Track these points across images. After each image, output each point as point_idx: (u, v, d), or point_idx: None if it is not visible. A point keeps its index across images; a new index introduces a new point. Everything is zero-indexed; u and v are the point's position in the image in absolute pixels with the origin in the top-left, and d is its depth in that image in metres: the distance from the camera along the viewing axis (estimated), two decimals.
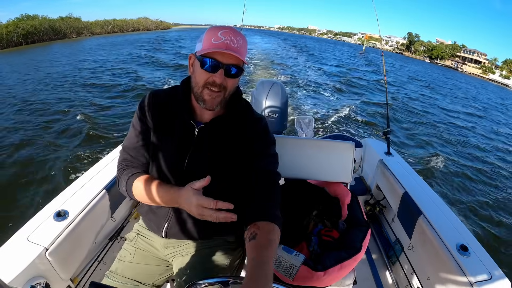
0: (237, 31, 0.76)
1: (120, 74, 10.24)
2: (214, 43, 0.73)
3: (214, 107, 0.79)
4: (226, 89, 0.77)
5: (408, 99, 11.42)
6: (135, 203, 1.57)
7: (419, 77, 22.05)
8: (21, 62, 13.09)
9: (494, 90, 30.20)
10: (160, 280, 0.95)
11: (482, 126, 9.91)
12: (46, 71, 10.46)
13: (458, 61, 61.04)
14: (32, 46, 19.99)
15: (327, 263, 0.92)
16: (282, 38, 44.07)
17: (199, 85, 0.77)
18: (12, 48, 18.62)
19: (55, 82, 8.73)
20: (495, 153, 6.71)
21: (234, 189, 0.88)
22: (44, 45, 20.50)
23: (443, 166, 5.14)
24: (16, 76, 9.57)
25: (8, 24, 20.60)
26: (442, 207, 1.31)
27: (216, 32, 0.74)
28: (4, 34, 18.77)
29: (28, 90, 7.85)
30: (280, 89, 2.05)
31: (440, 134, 7.37)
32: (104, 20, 32.38)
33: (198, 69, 0.76)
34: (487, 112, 13.56)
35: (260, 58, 15.34)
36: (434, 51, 67.05)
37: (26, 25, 21.07)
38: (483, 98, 19.47)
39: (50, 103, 6.79)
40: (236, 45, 0.74)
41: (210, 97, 0.77)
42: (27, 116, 6.02)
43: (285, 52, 22.88)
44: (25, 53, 16.42)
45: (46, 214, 1.03)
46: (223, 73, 0.74)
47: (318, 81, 11.71)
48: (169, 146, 0.86)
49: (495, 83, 45.60)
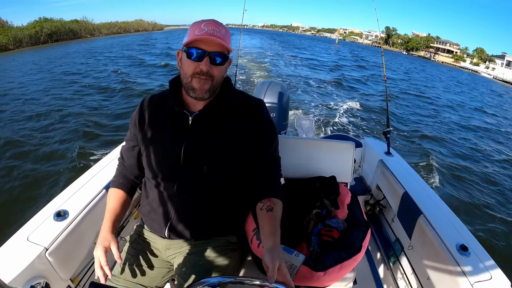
0: (219, 22, 0.80)
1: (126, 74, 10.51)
2: (198, 34, 0.77)
3: (203, 94, 0.82)
4: (213, 77, 0.81)
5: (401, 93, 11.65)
6: (135, 203, 1.57)
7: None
8: (55, 56, 16.18)
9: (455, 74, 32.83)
10: (163, 281, 0.95)
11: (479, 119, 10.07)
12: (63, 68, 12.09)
13: (431, 51, 66.34)
14: (56, 44, 25.07)
15: (327, 263, 0.92)
16: (268, 37, 45.46)
17: (187, 75, 0.81)
18: (41, 45, 23.29)
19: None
20: (495, 153, 6.71)
21: (233, 176, 0.90)
22: (67, 43, 25.41)
23: (443, 166, 5.14)
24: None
25: (34, 25, 25.77)
26: (442, 207, 1.31)
27: (200, 25, 0.79)
28: (33, 33, 23.65)
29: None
30: (280, 89, 2.05)
31: (438, 132, 7.38)
32: (110, 22, 39.26)
33: (186, 60, 0.80)
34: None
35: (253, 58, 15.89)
36: (410, 43, 72.62)
37: (51, 26, 26.35)
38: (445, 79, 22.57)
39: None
40: (219, 34, 0.78)
41: (198, 84, 0.80)
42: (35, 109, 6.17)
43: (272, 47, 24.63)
44: (53, 49, 20.35)
45: (46, 214, 1.02)
46: (209, 61, 0.78)
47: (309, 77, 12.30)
48: (164, 140, 0.88)
49: (466, 70, 49.18)
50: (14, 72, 11.61)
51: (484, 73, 47.02)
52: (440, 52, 64.35)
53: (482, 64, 52.68)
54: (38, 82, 9.37)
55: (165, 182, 0.88)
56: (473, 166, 5.57)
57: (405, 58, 46.44)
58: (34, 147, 4.53)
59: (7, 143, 4.58)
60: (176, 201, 0.89)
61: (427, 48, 68.22)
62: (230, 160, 0.87)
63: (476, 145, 7.02)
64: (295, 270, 0.85)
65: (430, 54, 65.82)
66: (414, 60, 45.44)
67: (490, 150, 6.82)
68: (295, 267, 0.85)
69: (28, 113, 6.12)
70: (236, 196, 0.96)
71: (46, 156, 4.29)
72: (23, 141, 4.70)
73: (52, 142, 4.73)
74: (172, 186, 0.88)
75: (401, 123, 7.68)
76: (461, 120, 9.43)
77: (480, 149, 6.80)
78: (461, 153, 6.25)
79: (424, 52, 67.44)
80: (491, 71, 47.05)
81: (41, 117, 5.93)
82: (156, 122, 0.89)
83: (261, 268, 0.98)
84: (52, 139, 4.87)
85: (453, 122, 8.94)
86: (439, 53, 63.96)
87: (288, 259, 0.86)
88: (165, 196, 0.90)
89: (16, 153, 4.32)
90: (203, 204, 0.89)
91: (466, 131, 8.27)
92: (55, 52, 17.63)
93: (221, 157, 0.86)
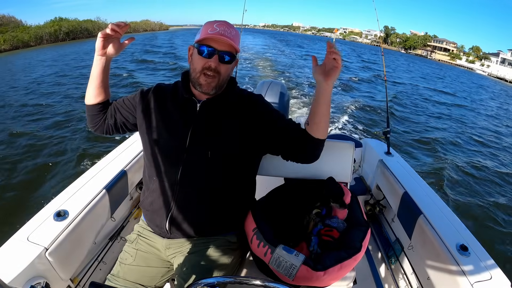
0: (230, 24, 0.87)
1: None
2: (210, 33, 0.83)
3: (210, 91, 0.87)
4: (220, 74, 0.86)
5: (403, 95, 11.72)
6: (135, 203, 1.57)
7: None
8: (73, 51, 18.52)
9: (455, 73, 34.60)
10: (162, 281, 0.95)
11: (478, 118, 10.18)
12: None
13: (428, 50, 68.77)
14: (73, 41, 28.05)
15: (327, 263, 0.92)
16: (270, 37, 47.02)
17: (196, 70, 0.86)
18: (59, 43, 26.73)
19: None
20: (495, 152, 6.71)
21: (238, 166, 0.92)
22: (83, 41, 27.89)
23: (443, 165, 5.14)
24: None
25: (52, 24, 29.20)
26: (442, 207, 1.31)
27: (212, 24, 0.85)
28: (53, 32, 27.16)
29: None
30: (280, 89, 2.05)
31: (438, 132, 7.38)
32: None
33: (196, 56, 0.86)
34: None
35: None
36: (408, 42, 75.39)
37: (68, 25, 29.96)
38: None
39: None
40: (229, 34, 0.85)
41: (205, 81, 0.86)
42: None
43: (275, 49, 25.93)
44: (74, 46, 22.87)
45: (46, 214, 1.02)
46: (218, 58, 0.84)
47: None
48: (172, 122, 0.92)
49: (461, 67, 51.94)
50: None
51: (479, 70, 48.84)
52: (437, 50, 66.65)
53: (477, 62, 54.32)
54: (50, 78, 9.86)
55: (168, 166, 0.89)
56: (474, 165, 5.57)
57: (399, 56, 47.61)
58: (34, 145, 4.53)
59: (19, 135, 4.62)
60: (177, 192, 0.89)
61: (425, 46, 70.50)
62: (233, 145, 0.90)
63: (476, 145, 7.03)
64: (295, 270, 0.86)
65: (427, 52, 68.05)
66: (411, 58, 47.07)
67: (491, 150, 6.82)
68: (295, 267, 0.86)
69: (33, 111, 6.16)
70: (237, 195, 0.96)
71: (51, 154, 4.30)
72: (30, 136, 4.73)
73: (55, 141, 4.74)
74: (176, 172, 0.88)
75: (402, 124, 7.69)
76: (461, 119, 9.46)
77: (481, 149, 6.81)
78: (461, 152, 6.25)
79: (421, 51, 69.77)
80: (486, 68, 49.03)
81: (44, 116, 5.96)
82: (167, 106, 0.94)
83: (261, 268, 0.98)
84: (55, 138, 4.87)
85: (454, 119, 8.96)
86: (436, 51, 66.27)
87: (288, 259, 0.86)
88: (167, 186, 0.90)
89: (16, 152, 4.33)
90: (205, 199, 0.90)
91: (468, 129, 8.28)
92: (76, 48, 19.96)
93: (225, 142, 0.89)
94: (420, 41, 71.86)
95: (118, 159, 1.40)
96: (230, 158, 0.89)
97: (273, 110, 0.95)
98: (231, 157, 0.89)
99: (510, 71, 42.09)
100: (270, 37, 45.70)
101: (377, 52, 32.57)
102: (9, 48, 21.74)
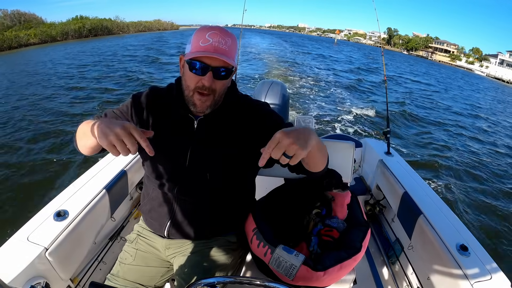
0: (225, 31, 0.75)
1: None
2: (202, 46, 0.72)
3: (205, 110, 0.80)
4: (216, 91, 0.77)
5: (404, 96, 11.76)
6: (135, 203, 1.57)
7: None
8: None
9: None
10: (162, 281, 0.95)
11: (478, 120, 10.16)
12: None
13: (429, 51, 71.21)
14: (96, 38, 31.93)
15: (327, 263, 0.92)
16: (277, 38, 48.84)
17: (189, 89, 0.77)
18: (83, 39, 30.25)
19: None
20: (495, 151, 6.71)
21: (239, 181, 0.89)
22: (105, 38, 31.91)
23: (443, 165, 5.14)
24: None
25: (76, 21, 33.71)
26: (442, 207, 1.31)
27: (204, 34, 0.73)
28: (77, 28, 31.30)
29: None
30: (280, 88, 2.05)
31: (438, 132, 7.38)
32: (136, 21, 49.94)
33: (188, 72, 0.76)
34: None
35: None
36: (410, 43, 77.87)
37: (91, 23, 34.14)
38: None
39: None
40: (225, 46, 0.73)
41: (199, 100, 0.77)
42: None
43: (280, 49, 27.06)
44: (93, 42, 25.56)
45: (46, 214, 1.02)
46: (212, 75, 0.74)
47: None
48: (169, 141, 0.85)
49: (461, 68, 53.88)
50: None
51: (478, 71, 50.34)
52: (438, 51, 68.86)
53: (477, 63, 55.75)
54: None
55: (167, 182, 0.88)
56: (474, 165, 5.57)
57: (399, 57, 48.54)
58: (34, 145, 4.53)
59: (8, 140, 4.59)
60: (177, 202, 0.89)
61: (426, 48, 72.79)
62: (233, 169, 0.86)
63: (476, 145, 7.02)
64: (295, 270, 0.86)
65: (428, 53, 70.33)
66: (412, 59, 48.17)
67: (491, 150, 6.82)
68: (295, 267, 0.86)
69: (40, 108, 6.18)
70: (238, 197, 0.96)
71: (46, 154, 4.29)
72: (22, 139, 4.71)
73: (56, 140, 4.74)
74: (174, 186, 0.87)
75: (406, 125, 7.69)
76: (461, 119, 9.46)
77: (481, 149, 6.81)
78: (461, 152, 6.25)
79: (423, 52, 71.98)
80: (485, 69, 51.01)
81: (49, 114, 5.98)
82: (163, 122, 0.86)
83: (261, 268, 0.98)
84: (56, 137, 4.87)
85: (453, 119, 8.96)
86: (437, 53, 68.43)
87: (288, 259, 0.86)
88: (167, 196, 0.89)
89: (16, 152, 4.32)
90: (205, 206, 0.89)
91: (467, 131, 8.27)
92: (107, 43, 22.19)
93: (224, 166, 0.85)
94: (421, 43, 74.16)
95: (118, 159, 1.40)
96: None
97: (283, 123, 0.85)
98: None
99: (508, 72, 43.39)
100: (277, 37, 48.00)
101: (378, 52, 33.03)
102: (38, 42, 24.87)
